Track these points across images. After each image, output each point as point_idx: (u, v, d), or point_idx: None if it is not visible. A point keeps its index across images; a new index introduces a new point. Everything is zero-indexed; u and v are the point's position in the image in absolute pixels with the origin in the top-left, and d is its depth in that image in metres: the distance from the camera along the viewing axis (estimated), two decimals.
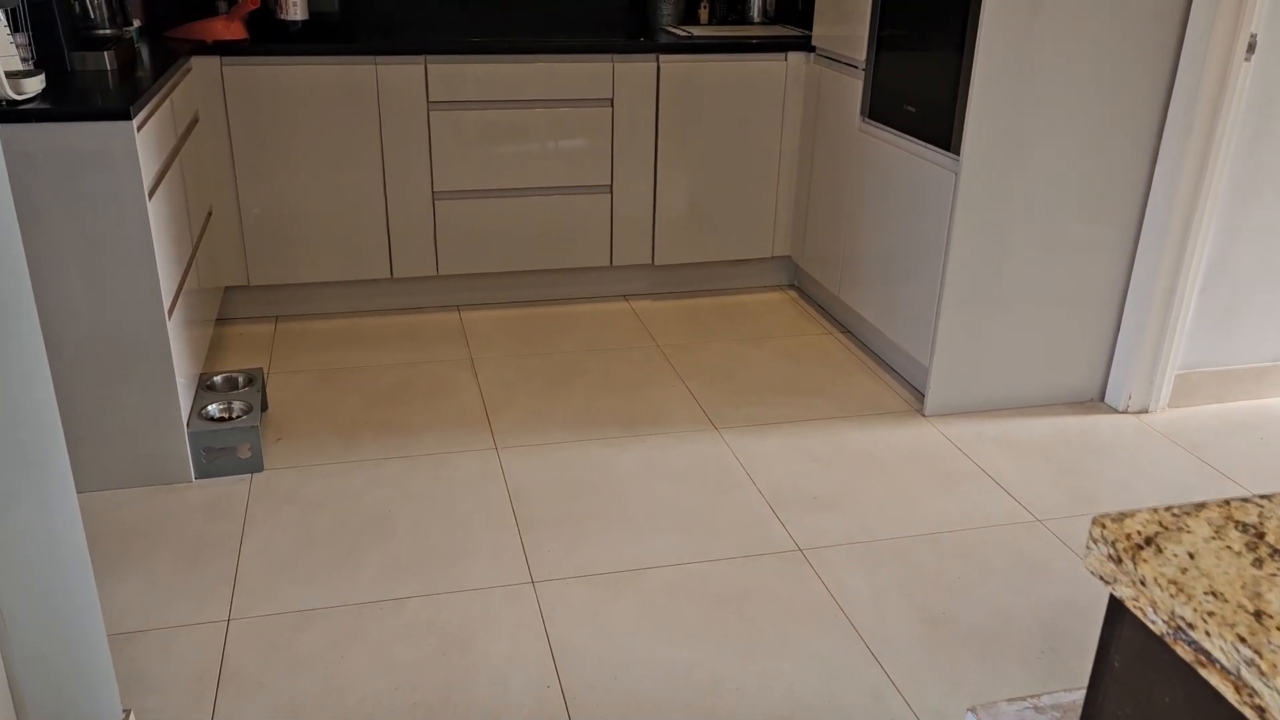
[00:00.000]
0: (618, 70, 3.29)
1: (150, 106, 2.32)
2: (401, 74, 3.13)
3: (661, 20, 3.65)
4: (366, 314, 3.43)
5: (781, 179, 3.56)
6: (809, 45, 3.41)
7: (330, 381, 2.95)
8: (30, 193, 2.08)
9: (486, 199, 3.34)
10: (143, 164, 2.15)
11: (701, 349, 3.24)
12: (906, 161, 2.83)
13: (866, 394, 2.96)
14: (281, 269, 3.26)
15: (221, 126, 3.07)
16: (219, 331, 3.27)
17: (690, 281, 3.69)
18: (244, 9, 3.00)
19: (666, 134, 3.39)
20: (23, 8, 2.32)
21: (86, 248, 2.15)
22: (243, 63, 3.01)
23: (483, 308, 3.51)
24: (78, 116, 2.06)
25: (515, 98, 3.25)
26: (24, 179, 2.07)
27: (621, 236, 3.50)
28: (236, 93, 3.04)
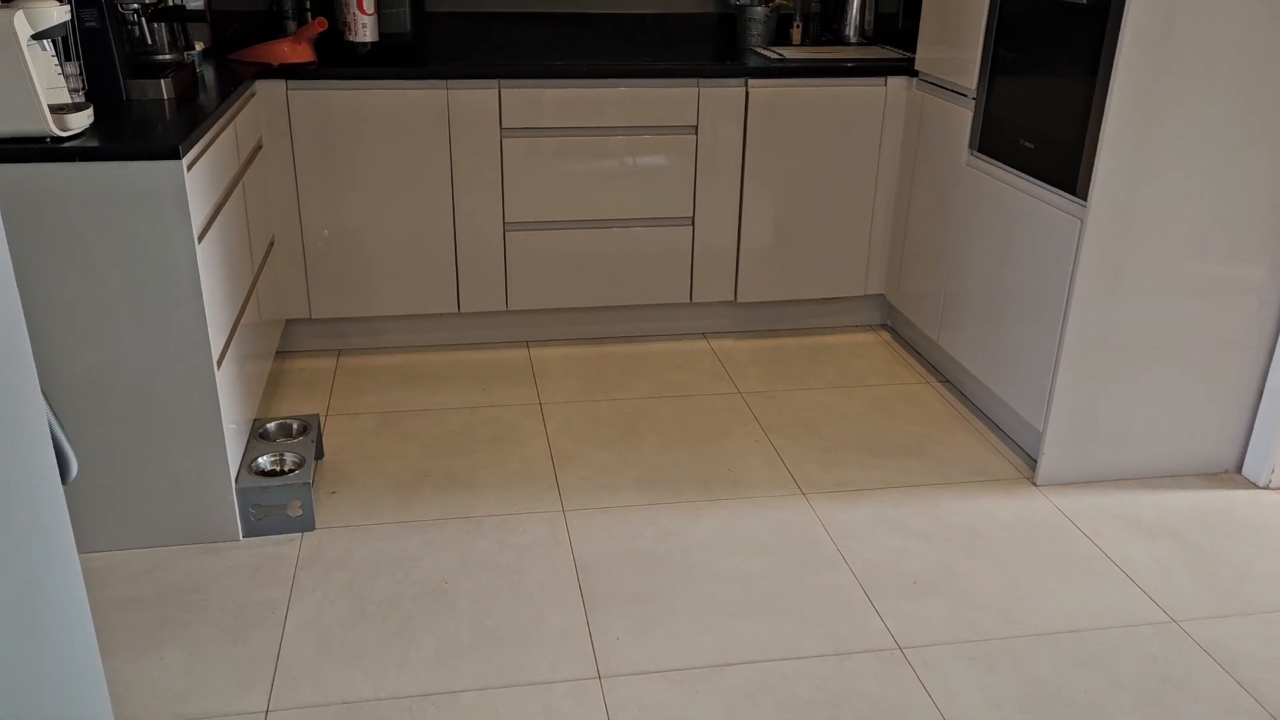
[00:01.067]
0: (703, 95, 3.07)
1: (205, 141, 2.17)
2: (474, 99, 2.95)
3: (751, 41, 3.42)
4: (432, 349, 3.26)
5: (877, 213, 3.30)
6: (911, 69, 3.14)
7: (391, 425, 2.78)
8: (72, 233, 1.94)
9: (560, 231, 3.15)
10: (192, 205, 2.00)
11: (786, 396, 3.00)
12: (1022, 203, 2.56)
13: (970, 456, 2.69)
14: (345, 301, 3.11)
15: (286, 152, 2.93)
16: (279, 366, 3.13)
17: (774, 320, 3.45)
18: (311, 31, 2.86)
19: (754, 163, 3.16)
20: (74, 35, 2.19)
21: (130, 292, 2.01)
22: (309, 86, 2.87)
23: (553, 344, 3.32)
24: (123, 155, 1.92)
25: (593, 124, 3.05)
26: (66, 218, 1.93)
27: (702, 272, 3.28)
28: (302, 117, 2.89)
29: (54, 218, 1.93)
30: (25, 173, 1.89)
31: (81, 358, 2.04)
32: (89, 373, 2.05)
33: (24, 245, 1.93)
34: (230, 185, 2.48)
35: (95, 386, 2.07)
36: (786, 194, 3.21)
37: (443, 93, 2.93)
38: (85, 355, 2.04)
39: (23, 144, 1.90)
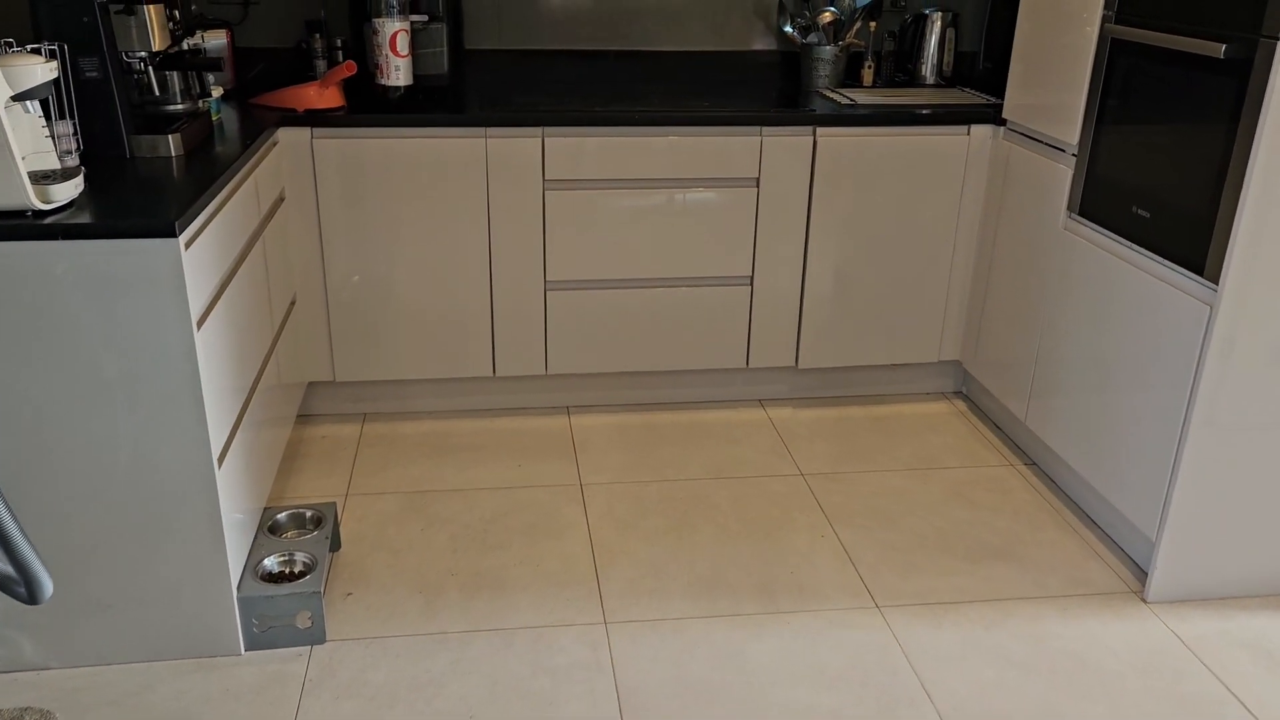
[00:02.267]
0: (767, 145, 2.79)
1: (211, 209, 1.93)
2: (514, 148, 2.70)
3: (818, 82, 3.14)
4: (464, 415, 3.00)
5: (955, 273, 2.99)
6: (997, 117, 2.84)
7: (416, 509, 2.52)
8: (55, 317, 1.70)
9: (606, 290, 2.88)
10: (191, 287, 1.75)
11: (854, 479, 2.69)
12: (1134, 279, 2.24)
13: (1067, 562, 2.37)
14: (371, 364, 2.87)
15: (310, 205, 2.69)
16: (299, 432, 2.89)
17: (838, 386, 3.15)
18: (339, 75, 2.62)
19: (820, 218, 2.87)
20: (67, 90, 1.96)
21: (120, 383, 1.76)
22: (335, 134, 2.63)
23: (596, 411, 3.04)
24: (112, 233, 1.67)
25: (644, 176, 2.78)
26: (49, 301, 1.69)
27: (761, 334, 2.99)
28: (328, 167, 2.65)
29: (35, 299, 1.69)
30: (2, 250, 1.66)
31: (65, 453, 1.79)
32: (73, 469, 1.81)
33: (4, 326, 1.69)
34: (248, 243, 2.24)
35: (80, 485, 1.83)
36: (855, 251, 2.92)
37: (480, 141, 2.68)
38: (69, 450, 1.79)
39: (2, 218, 1.67)
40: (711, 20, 3.21)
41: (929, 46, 3.16)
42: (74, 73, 2.01)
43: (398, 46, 2.64)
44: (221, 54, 2.79)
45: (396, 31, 2.62)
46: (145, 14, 2.02)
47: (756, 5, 3.21)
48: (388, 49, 2.63)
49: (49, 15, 1.98)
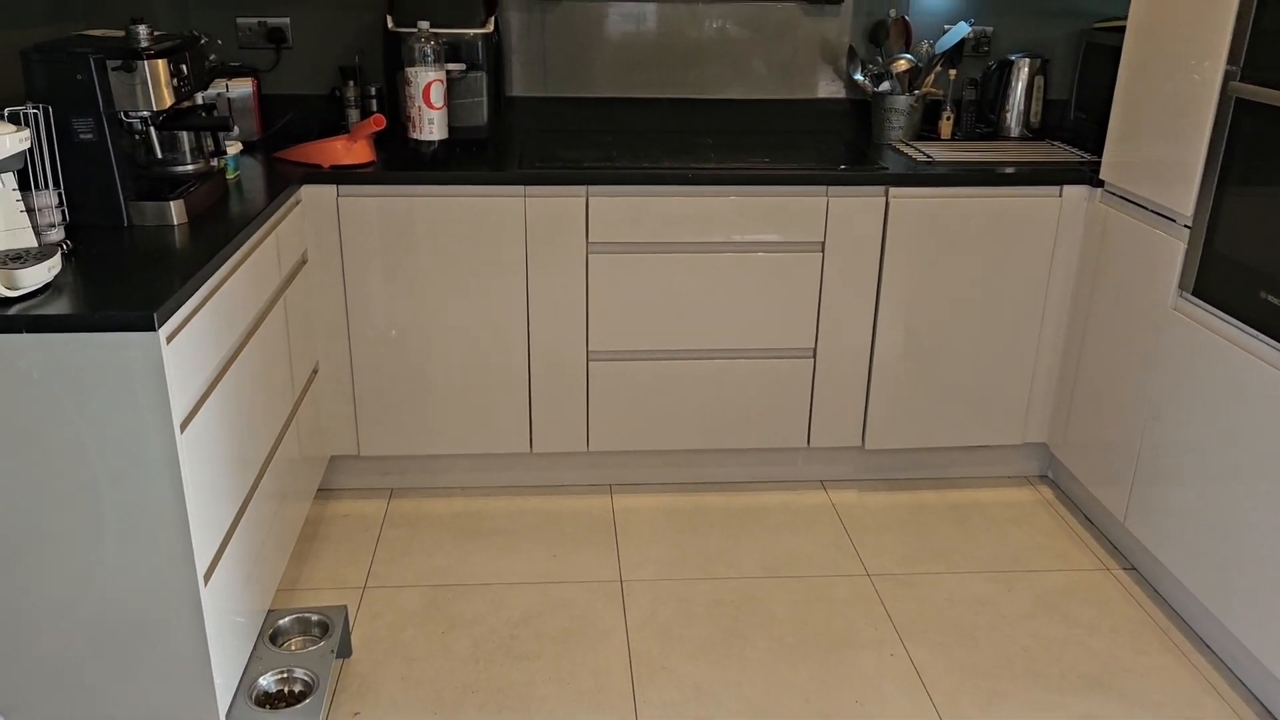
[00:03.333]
0: (834, 205, 2.52)
1: (209, 288, 1.72)
2: (556, 207, 2.47)
3: (890, 134, 2.86)
4: (498, 492, 2.76)
5: (1043, 347, 2.68)
6: (1094, 178, 2.54)
7: (438, 607, 2.28)
8: (20, 417, 1.50)
9: (653, 361, 2.63)
10: (174, 384, 1.54)
11: (928, 583, 2.40)
12: (1260, 373, 1.93)
13: (1176, 693, 2.05)
14: (398, 437, 2.65)
15: (334, 267, 2.48)
16: (320, 508, 2.67)
17: (908, 467, 2.86)
18: (368, 129, 2.42)
19: (892, 286, 2.59)
20: (52, 156, 1.77)
21: (93, 492, 1.55)
22: (363, 192, 2.42)
23: (641, 490, 2.79)
24: (83, 325, 1.47)
25: (698, 239, 2.53)
26: (14, 399, 1.49)
27: (824, 412, 2.71)
28: (354, 227, 2.45)
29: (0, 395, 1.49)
30: None
31: (31, 565, 1.59)
32: (40, 584, 1.60)
33: None
34: (265, 308, 2.05)
35: (48, 602, 1.62)
36: (931, 322, 2.63)
37: (519, 200, 2.45)
38: (36, 563, 1.59)
39: None
40: (775, 66, 2.96)
41: (1015, 96, 2.87)
42: (67, 135, 1.82)
43: (431, 98, 2.43)
44: (246, 104, 2.60)
45: (431, 82, 2.41)
46: (146, 71, 1.83)
47: (824, 50, 2.96)
48: (421, 101, 2.43)
49: (41, 73, 1.80)
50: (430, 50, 2.41)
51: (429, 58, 2.41)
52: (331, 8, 2.79)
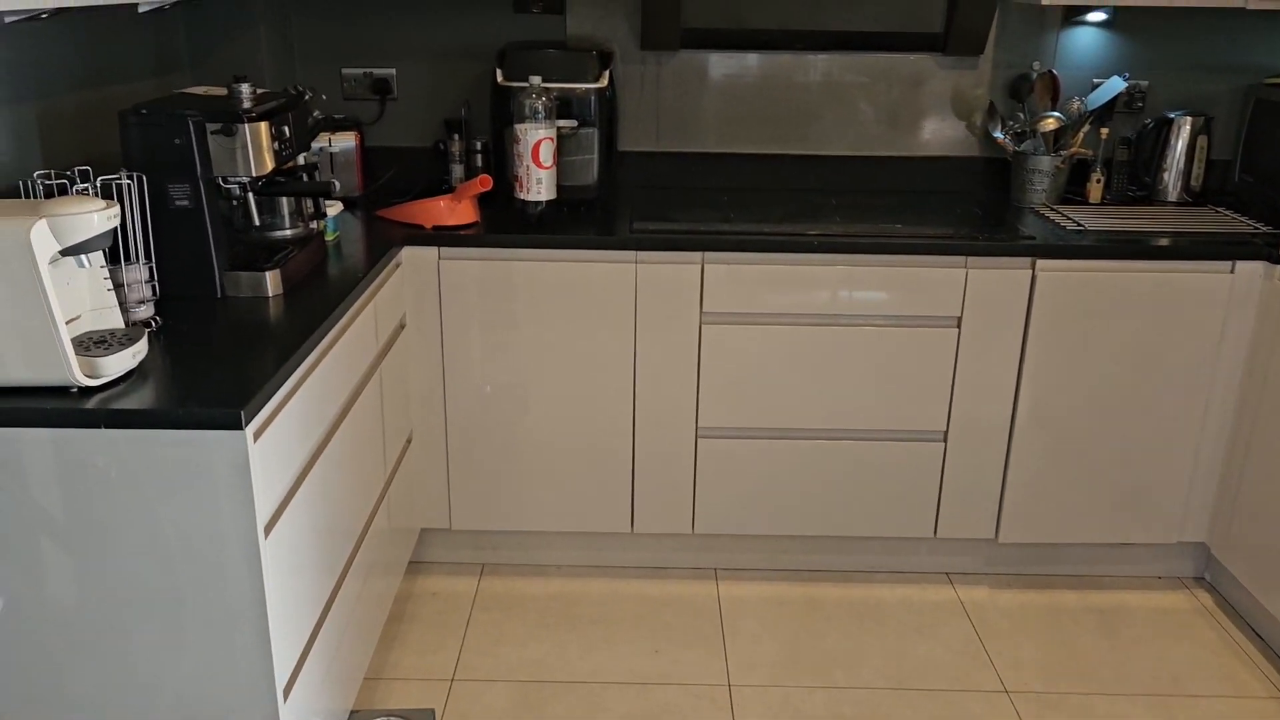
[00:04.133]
0: (972, 278, 2.30)
1: (297, 378, 1.58)
2: (669, 274, 2.30)
3: (1033, 197, 2.62)
4: (597, 572, 2.58)
5: (1206, 437, 2.40)
6: (1272, 252, 2.26)
7: (530, 708, 2.10)
8: (94, 516, 1.38)
9: (768, 440, 2.43)
10: (260, 484, 1.40)
11: (1076, 708, 2.13)
12: None
13: None
14: (493, 511, 2.49)
15: (433, 332, 2.35)
16: (410, 584, 2.52)
17: (1046, 562, 2.59)
18: (472, 190, 2.28)
19: (1036, 367, 2.35)
20: (144, 227, 1.66)
21: (168, 598, 1.42)
22: (465, 254, 2.29)
23: (749, 577, 2.57)
24: (164, 422, 1.34)
25: (820, 311, 2.33)
26: (86, 497, 1.36)
27: (955, 500, 2.47)
28: (455, 291, 2.31)
29: (72, 495, 1.37)
30: (36, 436, 1.34)
31: (103, 674, 1.46)
32: (112, 694, 1.47)
33: (31, 525, 1.38)
34: (361, 380, 1.93)
35: (120, 712, 1.49)
36: (1079, 407, 2.37)
37: (631, 266, 2.29)
38: (103, 671, 1.46)
39: (40, 396, 1.36)
40: (903, 121, 2.75)
41: (1174, 156, 2.60)
42: (162, 201, 1.72)
43: (540, 157, 2.29)
44: (349, 159, 2.50)
45: (540, 141, 2.27)
46: (247, 134, 1.72)
47: (958, 104, 2.74)
48: (529, 159, 2.29)
49: (138, 135, 1.70)
50: (541, 106, 2.27)
51: (540, 114, 2.27)
52: (439, 59, 2.69)
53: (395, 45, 2.68)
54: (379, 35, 2.67)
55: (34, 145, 1.84)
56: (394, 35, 2.67)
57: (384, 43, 2.67)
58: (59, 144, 1.92)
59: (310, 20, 2.65)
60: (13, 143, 1.77)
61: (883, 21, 2.66)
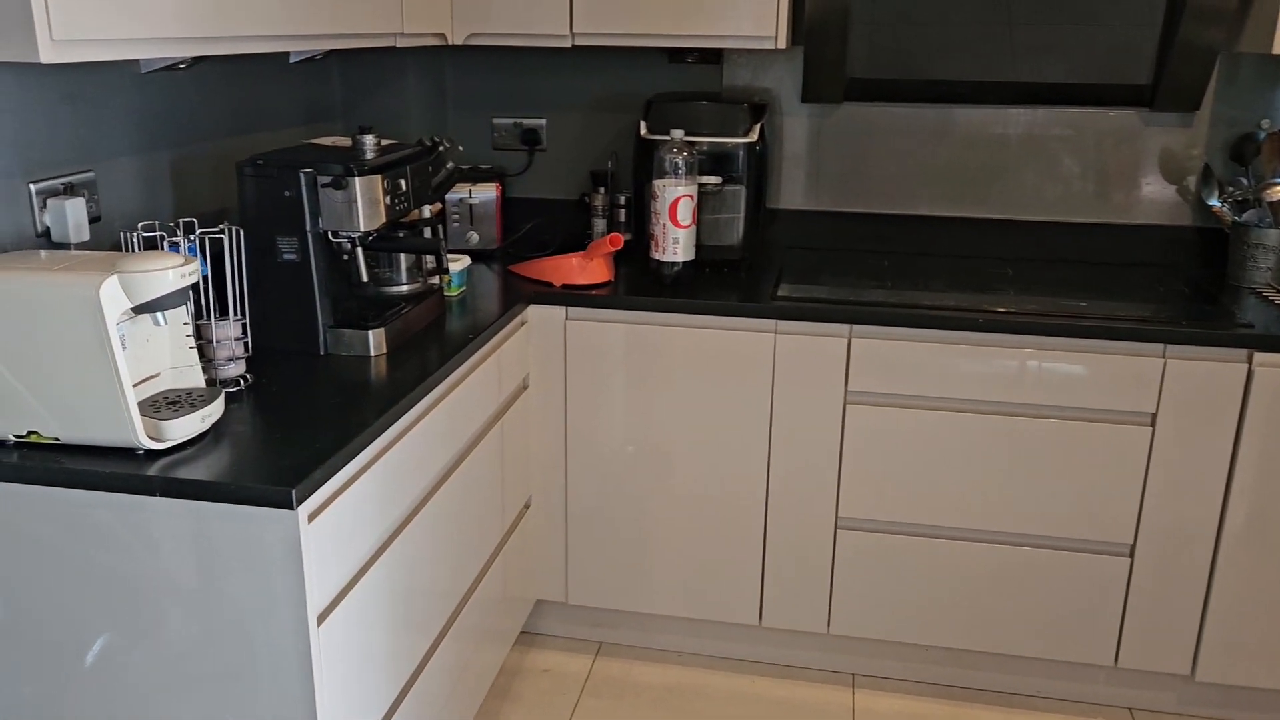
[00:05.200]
0: (1171, 369, 1.96)
1: (373, 450, 1.48)
2: (812, 347, 2.08)
3: (1254, 276, 2.24)
4: (720, 665, 2.37)
5: None
6: None
7: None
8: (145, 588, 1.30)
9: (916, 538, 2.16)
10: (313, 572, 1.29)
11: None
12: None
13: None
14: (611, 588, 2.33)
15: (556, 395, 2.22)
16: (519, 657, 2.39)
17: (1250, 706, 2.17)
18: (604, 248, 2.15)
19: (1249, 477, 1.98)
20: (236, 285, 1.61)
21: (217, 683, 1.33)
22: (593, 316, 2.16)
23: (890, 687, 2.29)
24: (215, 495, 1.26)
25: (984, 397, 2.05)
26: (140, 567, 1.30)
27: (1142, 625, 2.11)
28: (581, 353, 2.18)
29: (124, 563, 1.30)
30: (97, 499, 1.29)
31: None
32: None
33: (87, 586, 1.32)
34: (478, 435, 1.85)
35: None
36: None
37: (770, 336, 2.09)
38: None
39: (107, 457, 1.31)
40: (1102, 184, 2.43)
41: None
42: (270, 254, 1.67)
43: (678, 215, 2.13)
44: (488, 210, 2.43)
45: (679, 198, 2.12)
46: (357, 188, 1.65)
47: (1166, 167, 2.39)
48: (666, 218, 2.14)
49: (252, 186, 1.67)
50: (682, 162, 2.12)
51: (680, 170, 2.12)
52: (590, 109, 2.60)
53: (547, 95, 2.61)
54: (532, 85, 2.60)
55: (167, 194, 1.85)
56: (547, 85, 2.60)
57: (536, 92, 2.61)
58: (194, 192, 1.93)
59: (465, 70, 2.62)
60: (143, 191, 1.78)
61: (1079, 72, 2.36)
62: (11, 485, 1.30)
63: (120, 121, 1.72)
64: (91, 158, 1.65)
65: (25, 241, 1.53)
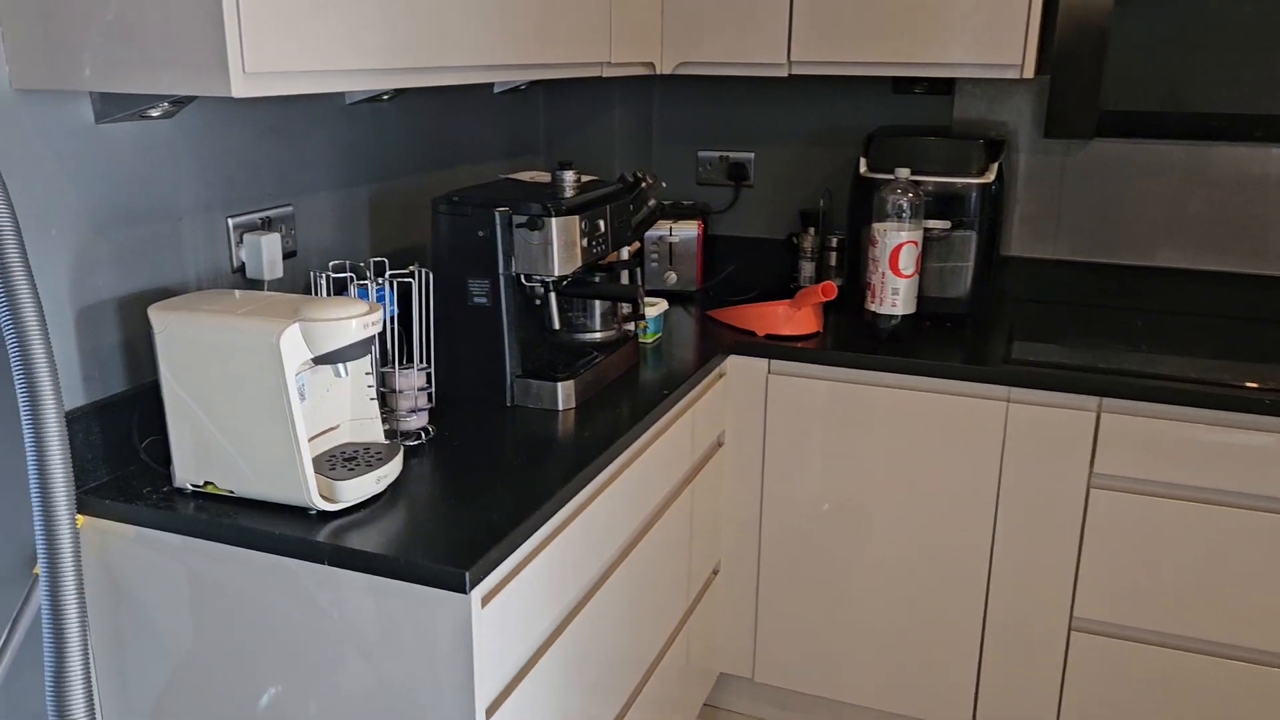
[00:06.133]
0: None
1: (557, 522, 1.34)
2: (1052, 420, 1.81)
3: None
4: None
5: None
6: None
7: None
8: (312, 653, 1.21)
9: (1165, 649, 1.83)
10: (484, 661, 1.16)
11: None
12: None
13: None
14: (802, 668, 2.11)
15: (754, 455, 2.04)
16: None
17: None
18: (812, 298, 1.96)
19: None
20: (423, 332, 1.51)
21: None
22: (798, 370, 1.96)
23: None
24: (381, 568, 1.14)
25: (1260, 492, 1.71)
26: (308, 632, 1.20)
27: None
28: (783, 411, 1.99)
29: (294, 630, 1.21)
30: (265, 561, 1.21)
31: None
32: None
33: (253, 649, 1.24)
34: (667, 499, 1.70)
35: None
36: None
37: (1001, 405, 1.84)
38: None
39: (281, 515, 1.23)
40: None
41: None
42: (460, 296, 1.58)
43: (900, 264, 1.91)
44: (689, 249, 2.29)
45: (902, 245, 1.90)
46: (553, 230, 1.53)
47: None
48: (886, 266, 1.92)
49: (445, 225, 1.58)
50: (907, 204, 1.90)
51: (904, 212, 1.90)
52: (803, 143, 2.41)
53: (757, 127, 2.44)
54: (741, 117, 2.44)
55: (363, 228, 1.80)
56: (757, 116, 2.43)
57: (745, 124, 2.45)
58: (391, 227, 1.88)
59: (671, 100, 2.49)
60: (340, 226, 1.73)
61: None
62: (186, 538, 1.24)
63: (322, 154, 1.67)
64: (291, 191, 1.61)
65: (221, 277, 1.49)
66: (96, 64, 1.10)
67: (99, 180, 1.29)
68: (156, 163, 1.36)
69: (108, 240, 1.31)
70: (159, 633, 1.29)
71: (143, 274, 1.36)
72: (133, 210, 1.34)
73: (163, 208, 1.38)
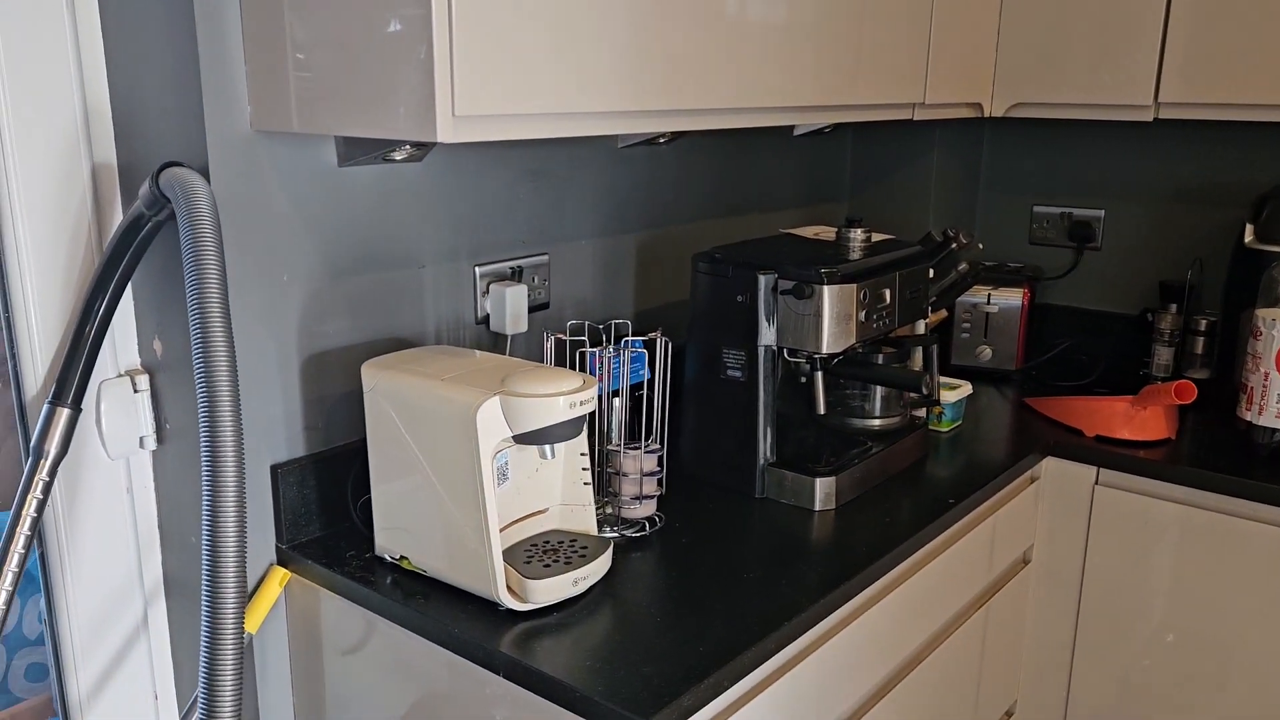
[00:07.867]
0: None
1: (776, 663, 1.10)
2: None
3: None
4: None
5: None
6: None
7: None
8: None
9: None
10: None
11: None
12: None
13: None
14: None
15: (1070, 577, 1.66)
16: None
17: None
18: (1164, 398, 1.55)
19: None
20: (660, 409, 1.32)
21: None
22: (1134, 485, 1.57)
23: None
24: (552, 692, 0.97)
25: None
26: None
27: None
28: (1112, 530, 1.60)
29: None
30: (442, 655, 1.07)
31: None
32: None
33: None
34: (944, 629, 1.42)
35: None
36: None
37: None
38: None
39: (466, 601, 1.09)
40: None
41: None
42: (713, 367, 1.38)
43: None
44: (1010, 320, 1.94)
45: None
46: (824, 299, 1.29)
47: None
48: (1271, 364, 1.48)
49: (705, 285, 1.39)
50: None
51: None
52: (1168, 200, 1.97)
53: (1109, 180, 2.04)
54: (1089, 166, 2.05)
55: (627, 281, 1.66)
56: (1110, 167, 2.03)
57: (1094, 177, 2.05)
58: (660, 280, 1.72)
59: (1002, 146, 2.15)
60: (601, 277, 1.60)
61: None
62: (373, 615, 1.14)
63: (585, 200, 1.55)
64: (547, 239, 1.50)
65: (464, 329, 1.41)
66: (301, 104, 1.04)
67: (337, 224, 1.23)
68: (399, 207, 1.29)
69: (342, 287, 1.25)
70: (351, 701, 1.21)
71: (378, 323, 1.30)
72: (371, 256, 1.28)
73: (404, 254, 1.31)
